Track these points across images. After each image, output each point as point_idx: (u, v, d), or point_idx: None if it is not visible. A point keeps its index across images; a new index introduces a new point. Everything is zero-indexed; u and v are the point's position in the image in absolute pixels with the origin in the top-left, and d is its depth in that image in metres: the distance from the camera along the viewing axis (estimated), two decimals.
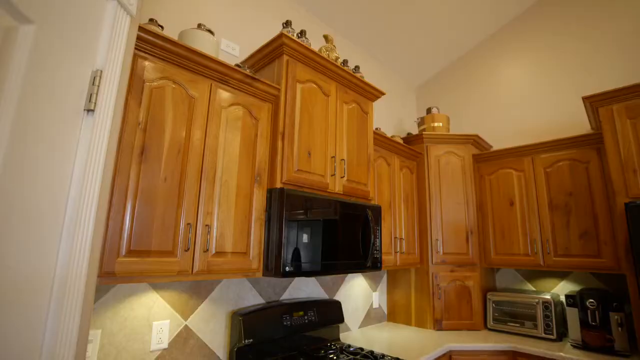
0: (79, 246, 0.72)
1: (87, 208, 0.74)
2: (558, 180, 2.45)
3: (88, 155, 0.75)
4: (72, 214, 0.72)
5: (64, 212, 0.71)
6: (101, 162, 0.76)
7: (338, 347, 2.05)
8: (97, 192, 0.75)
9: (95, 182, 0.75)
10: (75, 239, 0.71)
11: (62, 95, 0.68)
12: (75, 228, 0.72)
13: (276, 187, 1.64)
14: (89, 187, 0.74)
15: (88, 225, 0.74)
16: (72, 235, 0.71)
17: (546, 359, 2.10)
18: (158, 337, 1.54)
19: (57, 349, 0.70)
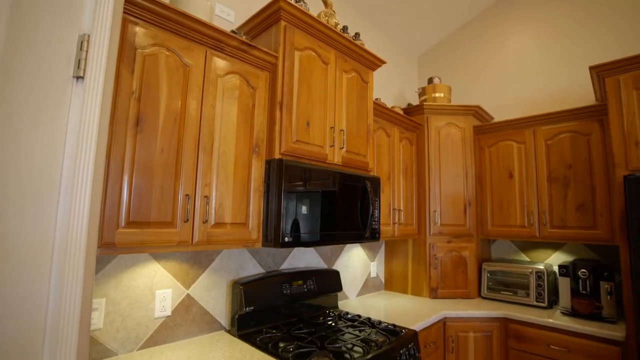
0: (76, 214, 0.72)
1: (83, 178, 0.73)
2: (558, 153, 2.43)
3: (81, 124, 0.73)
4: (68, 183, 0.71)
5: (59, 181, 0.70)
6: (94, 131, 0.74)
7: (336, 315, 2.12)
8: (91, 161, 0.74)
9: (89, 152, 0.74)
10: (73, 207, 0.71)
11: (48, 60, 0.65)
12: (71, 197, 0.71)
13: (275, 158, 1.62)
14: (83, 157, 0.73)
15: (84, 195, 0.73)
16: (69, 203, 0.71)
17: (536, 324, 2.18)
18: (161, 305, 1.59)
19: (61, 316, 0.72)
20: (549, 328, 2.13)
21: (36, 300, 0.69)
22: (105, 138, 0.81)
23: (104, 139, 0.81)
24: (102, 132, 0.79)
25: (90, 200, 0.74)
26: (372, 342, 1.67)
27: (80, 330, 0.75)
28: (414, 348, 1.80)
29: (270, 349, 1.54)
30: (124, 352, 1.47)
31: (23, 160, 0.65)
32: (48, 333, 0.71)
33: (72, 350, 0.73)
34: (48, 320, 0.70)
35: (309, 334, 1.75)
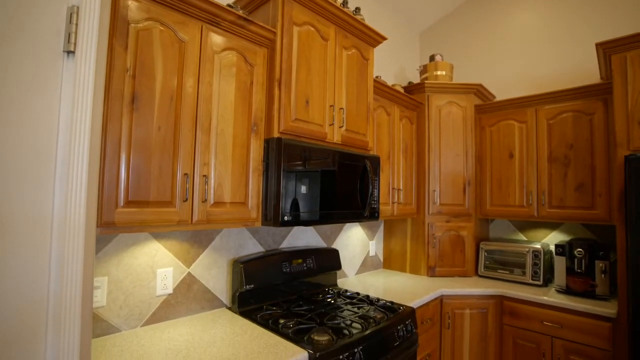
0: (74, 192, 0.71)
1: (78, 155, 0.72)
2: (560, 133, 2.41)
3: (74, 101, 0.71)
4: (64, 160, 0.70)
5: (55, 158, 0.69)
6: (88, 107, 0.72)
7: (335, 292, 2.15)
8: (86, 138, 0.72)
9: (84, 129, 0.72)
10: (70, 185, 0.70)
11: (36, 33, 0.62)
12: (68, 174, 0.70)
13: (273, 137, 1.60)
14: (78, 134, 0.71)
15: (81, 172, 0.72)
16: (66, 181, 0.70)
17: (530, 302, 2.22)
18: (163, 284, 1.61)
19: (63, 293, 0.72)
20: (543, 305, 2.17)
21: (38, 273, 0.69)
22: (100, 115, 0.79)
23: (99, 116, 0.79)
24: (97, 109, 0.77)
25: (87, 177, 0.73)
26: (371, 319, 1.71)
27: (83, 305, 0.76)
28: (411, 324, 1.84)
29: (271, 325, 1.58)
30: (127, 329, 1.50)
31: (14, 138, 0.64)
32: (51, 308, 0.72)
33: (75, 325, 0.74)
34: (50, 294, 0.71)
35: (309, 310, 1.79)
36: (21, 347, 0.68)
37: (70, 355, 0.73)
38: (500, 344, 2.34)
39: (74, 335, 0.74)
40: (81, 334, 0.76)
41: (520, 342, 2.25)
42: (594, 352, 1.98)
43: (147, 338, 1.43)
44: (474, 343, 2.33)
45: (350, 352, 1.46)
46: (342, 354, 1.43)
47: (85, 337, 0.77)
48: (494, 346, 2.33)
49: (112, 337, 1.42)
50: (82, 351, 0.76)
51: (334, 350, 1.40)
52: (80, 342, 0.75)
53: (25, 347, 0.69)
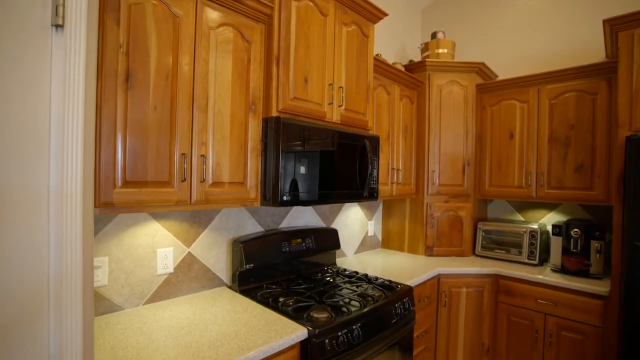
0: (69, 170, 0.70)
1: (73, 133, 0.70)
2: (562, 113, 2.38)
3: (65, 78, 0.68)
4: (57, 138, 0.69)
5: (48, 136, 0.68)
6: (81, 84, 0.70)
7: (334, 271, 2.18)
8: (80, 115, 0.71)
9: (77, 106, 0.70)
10: (65, 163, 0.69)
11: (21, 5, 0.59)
12: (62, 153, 0.69)
13: (272, 116, 1.58)
14: (71, 111, 0.69)
15: (76, 150, 0.71)
16: (60, 159, 0.69)
17: (526, 280, 2.26)
18: (163, 263, 1.62)
19: (64, 272, 0.73)
20: (538, 284, 2.21)
21: (36, 252, 0.69)
22: (94, 92, 0.77)
23: (92, 93, 0.77)
24: (90, 86, 0.75)
25: (83, 155, 0.72)
26: (369, 297, 1.74)
27: (84, 284, 0.76)
28: (408, 302, 1.88)
29: (271, 303, 1.61)
30: (130, 307, 1.52)
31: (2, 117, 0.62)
32: (52, 287, 0.72)
33: (77, 303, 0.75)
34: (51, 274, 0.71)
35: (308, 289, 1.82)
36: (24, 327, 0.69)
37: (73, 333, 0.75)
38: (494, 321, 2.39)
39: (76, 314, 0.75)
40: (83, 312, 0.76)
41: (514, 319, 2.30)
42: (585, 328, 2.03)
43: (149, 316, 1.46)
44: (469, 320, 2.39)
45: (348, 328, 1.50)
46: (340, 331, 1.46)
47: (88, 315, 0.78)
48: (488, 323, 2.39)
49: (115, 315, 1.45)
50: (85, 329, 0.77)
51: (333, 327, 1.43)
52: (82, 321, 0.76)
53: (28, 326, 0.69)
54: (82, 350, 0.76)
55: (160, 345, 1.21)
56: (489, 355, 2.40)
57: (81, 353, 0.76)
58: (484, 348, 2.39)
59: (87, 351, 0.78)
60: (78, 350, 0.75)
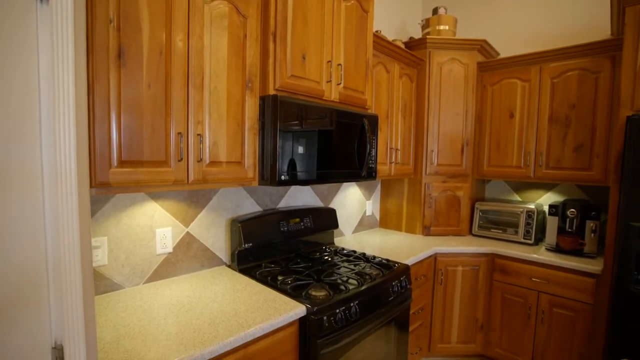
0: (62, 149, 0.69)
1: (64, 111, 0.68)
2: (563, 92, 2.35)
3: (53, 55, 0.66)
4: (48, 116, 0.67)
5: (39, 114, 0.66)
6: (70, 60, 0.68)
7: (332, 250, 2.21)
8: (71, 91, 0.69)
9: (67, 84, 0.68)
10: (57, 141, 0.68)
11: None
12: (54, 130, 0.68)
13: (269, 95, 1.55)
14: (61, 89, 0.67)
15: (68, 129, 0.69)
16: (53, 137, 0.68)
17: (520, 259, 2.30)
18: (162, 243, 1.63)
19: (62, 250, 0.72)
20: (533, 262, 2.25)
21: (32, 231, 0.69)
22: (84, 68, 0.75)
23: (83, 70, 0.74)
24: (80, 62, 0.72)
25: (76, 134, 0.71)
26: (367, 275, 1.76)
27: (83, 261, 0.77)
28: (405, 280, 1.91)
29: (270, 281, 1.63)
30: (130, 286, 1.54)
31: None
32: (50, 266, 0.72)
33: (76, 281, 0.75)
34: (48, 252, 0.71)
35: (306, 268, 1.84)
36: (25, 304, 0.69)
37: (74, 310, 0.75)
38: (489, 299, 2.45)
39: (76, 292, 0.75)
40: (83, 290, 0.77)
41: (508, 297, 2.36)
42: (576, 305, 2.09)
43: (150, 294, 1.48)
44: (464, 298, 2.45)
45: (346, 306, 1.52)
46: (338, 308, 1.49)
47: (88, 292, 0.79)
48: (483, 300, 2.44)
49: (116, 294, 1.47)
50: (86, 306, 0.78)
51: (331, 304, 1.46)
52: (83, 298, 0.77)
53: (30, 304, 0.70)
54: (84, 327, 0.77)
55: (161, 322, 1.24)
56: (482, 331, 2.47)
57: (83, 330, 0.77)
58: (478, 324, 2.46)
59: (89, 328, 0.79)
60: (80, 327, 0.76)
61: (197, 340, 1.12)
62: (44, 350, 0.73)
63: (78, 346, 0.76)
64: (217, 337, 1.14)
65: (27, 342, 0.70)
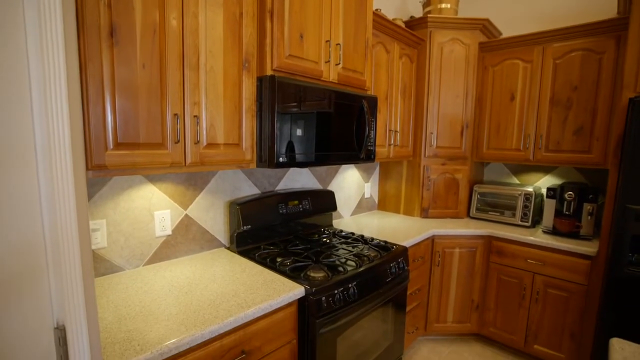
0: (55, 128, 0.68)
1: (56, 90, 0.67)
2: (566, 73, 2.32)
3: (41, 32, 0.63)
4: (40, 94, 0.65)
5: (29, 94, 0.64)
6: (59, 39, 0.65)
7: (331, 232, 2.22)
8: (62, 71, 0.67)
9: (58, 62, 0.66)
10: (50, 121, 0.67)
11: None
12: (47, 109, 0.66)
13: (266, 75, 1.52)
14: (52, 67, 0.65)
15: (61, 108, 0.68)
16: (45, 116, 0.66)
17: (517, 241, 2.32)
18: (161, 225, 1.63)
19: (59, 229, 0.72)
20: (529, 244, 2.28)
21: (29, 209, 0.68)
22: (75, 47, 0.72)
23: (73, 49, 0.72)
24: (70, 40, 0.70)
25: (69, 113, 0.69)
26: (365, 257, 1.78)
27: (81, 241, 0.76)
28: (403, 262, 1.93)
29: (269, 263, 1.64)
30: (130, 268, 1.55)
31: None
32: (48, 247, 0.72)
33: (75, 260, 0.75)
34: (46, 233, 0.71)
35: (305, 249, 1.85)
36: (24, 285, 0.69)
37: (74, 291, 0.76)
38: (485, 280, 2.49)
39: (76, 273, 0.76)
40: (82, 271, 0.77)
41: (504, 278, 2.39)
42: (570, 286, 2.12)
43: (150, 276, 1.49)
44: (461, 279, 2.48)
45: (344, 287, 1.54)
46: (337, 289, 1.51)
47: (87, 273, 0.79)
48: (479, 282, 2.48)
49: (117, 276, 1.48)
50: (86, 287, 0.78)
51: (329, 285, 1.48)
52: (82, 279, 0.77)
53: (29, 285, 0.70)
54: (85, 308, 0.78)
55: (162, 303, 1.25)
56: (477, 311, 2.52)
57: (84, 310, 0.78)
58: (474, 304, 2.51)
59: (90, 308, 0.80)
60: (81, 308, 0.77)
61: (197, 320, 1.14)
62: (47, 330, 0.73)
63: (80, 326, 0.77)
64: (217, 318, 1.16)
65: (29, 322, 0.71)
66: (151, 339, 1.03)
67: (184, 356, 1.06)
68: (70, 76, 0.71)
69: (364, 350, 1.74)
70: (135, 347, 0.99)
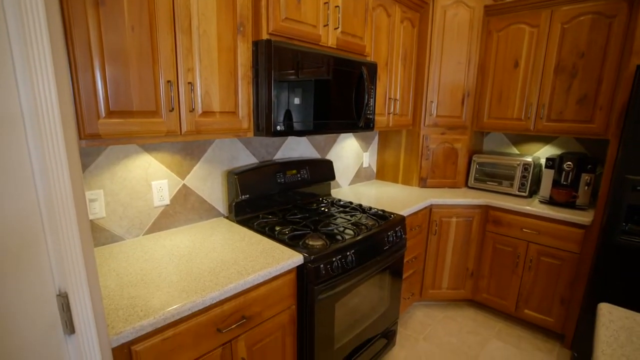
0: (42, 93, 0.65)
1: (39, 56, 0.63)
2: (573, 38, 2.23)
3: None
4: (22, 60, 0.62)
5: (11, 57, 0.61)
6: None
7: (329, 201, 2.23)
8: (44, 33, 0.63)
9: (39, 22, 0.62)
10: (36, 85, 0.64)
11: None
12: (30, 73, 0.63)
13: (262, 39, 1.45)
14: (32, 27, 0.62)
15: (46, 72, 0.65)
16: (29, 79, 0.63)
17: (513, 211, 2.35)
18: (159, 195, 1.63)
19: (54, 198, 0.71)
20: (525, 214, 2.30)
21: (21, 178, 0.67)
22: (57, 7, 0.68)
23: (55, 9, 0.67)
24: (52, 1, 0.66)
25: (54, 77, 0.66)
26: (363, 226, 1.80)
27: (77, 209, 0.76)
28: (400, 231, 1.96)
29: (268, 232, 1.66)
30: (131, 237, 1.56)
31: None
32: (45, 216, 0.72)
33: (73, 229, 0.75)
34: (41, 202, 0.70)
35: (303, 218, 1.87)
36: (23, 254, 0.69)
37: (74, 259, 0.76)
38: (480, 248, 2.54)
39: (74, 241, 0.76)
40: (81, 240, 0.77)
41: (499, 247, 2.44)
42: (563, 255, 2.17)
43: (150, 245, 1.51)
44: (457, 247, 2.53)
45: (342, 255, 1.57)
46: (335, 257, 1.53)
47: (86, 242, 0.79)
48: (474, 250, 2.53)
49: (118, 245, 1.49)
50: (86, 254, 0.79)
51: (328, 253, 1.50)
52: (82, 248, 0.77)
53: (27, 253, 0.70)
54: (85, 275, 0.79)
55: (162, 271, 1.27)
56: (472, 278, 2.59)
57: (85, 277, 0.78)
58: (468, 272, 2.58)
59: (91, 275, 0.81)
60: (82, 275, 0.78)
61: (198, 287, 1.16)
62: (49, 297, 0.74)
63: (82, 293, 0.78)
64: (217, 285, 1.18)
65: (30, 290, 0.71)
66: (154, 305, 1.05)
67: (186, 321, 1.09)
68: (54, 40, 0.67)
69: (361, 315, 1.80)
70: (139, 313, 1.01)
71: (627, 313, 1.10)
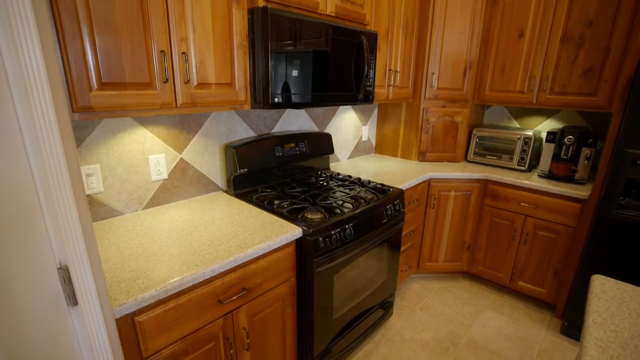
0: (28, 61, 0.63)
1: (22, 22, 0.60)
2: (582, 7, 2.15)
3: None
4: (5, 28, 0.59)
5: None
6: None
7: (328, 175, 2.23)
8: None
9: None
10: (20, 51, 0.61)
11: None
12: (13, 38, 0.60)
13: (258, 7, 1.39)
14: None
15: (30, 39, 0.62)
16: (13, 45, 0.61)
17: (512, 185, 2.35)
18: (157, 169, 1.61)
19: (47, 173, 0.70)
20: (523, 188, 2.31)
21: (12, 145, 0.66)
22: None
23: None
24: None
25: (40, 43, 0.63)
26: (361, 199, 1.80)
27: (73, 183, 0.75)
28: (399, 204, 1.96)
29: (266, 205, 1.66)
30: (130, 212, 1.56)
31: None
32: (40, 191, 0.71)
33: (70, 203, 0.75)
34: (35, 178, 0.69)
35: (302, 192, 1.87)
36: (20, 227, 0.69)
37: (73, 232, 0.76)
38: (478, 222, 2.56)
39: (72, 214, 0.75)
40: (79, 214, 0.77)
41: (496, 220, 2.47)
42: (559, 228, 2.20)
43: (149, 219, 1.51)
44: (454, 221, 2.56)
45: (341, 228, 1.58)
46: (333, 230, 1.55)
47: (84, 216, 0.79)
48: (472, 223, 2.56)
49: (117, 220, 1.50)
50: (84, 227, 0.79)
51: (326, 226, 1.51)
52: (80, 221, 0.77)
53: (26, 228, 0.70)
54: (85, 248, 0.79)
55: (163, 245, 1.28)
56: (468, 251, 2.63)
57: (85, 251, 0.79)
58: (465, 245, 2.62)
59: (91, 249, 0.81)
60: (81, 248, 0.78)
61: (198, 260, 1.17)
62: (50, 270, 0.75)
63: (82, 266, 0.79)
64: (217, 257, 1.19)
65: (31, 264, 0.72)
66: (155, 278, 1.07)
67: (188, 293, 1.11)
68: (36, 2, 0.63)
69: (359, 287, 1.84)
70: (140, 285, 1.03)
71: (618, 284, 1.12)
